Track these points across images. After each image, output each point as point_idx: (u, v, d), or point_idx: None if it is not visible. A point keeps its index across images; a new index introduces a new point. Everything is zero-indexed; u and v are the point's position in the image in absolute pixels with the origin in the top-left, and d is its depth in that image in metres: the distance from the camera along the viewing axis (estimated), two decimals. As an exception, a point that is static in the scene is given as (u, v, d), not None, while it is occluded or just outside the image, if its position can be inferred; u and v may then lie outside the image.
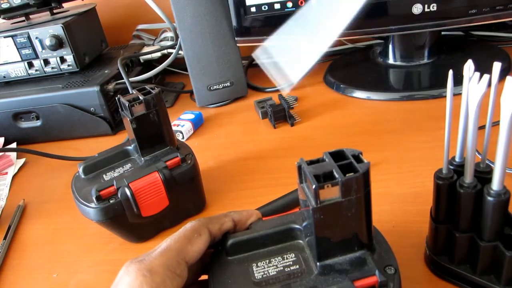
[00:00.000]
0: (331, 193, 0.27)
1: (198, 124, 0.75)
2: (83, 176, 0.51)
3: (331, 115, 0.70)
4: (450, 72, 0.31)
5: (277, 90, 0.82)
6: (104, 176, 0.50)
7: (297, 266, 0.30)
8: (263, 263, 0.31)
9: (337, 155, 0.28)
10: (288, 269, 0.30)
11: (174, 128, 0.70)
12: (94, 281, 0.46)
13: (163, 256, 0.30)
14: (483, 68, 0.31)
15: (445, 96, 0.66)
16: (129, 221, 0.47)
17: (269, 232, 0.33)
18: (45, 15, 0.90)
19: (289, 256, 0.31)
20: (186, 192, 0.50)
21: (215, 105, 0.81)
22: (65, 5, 0.94)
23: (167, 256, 0.30)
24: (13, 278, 0.49)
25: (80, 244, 0.52)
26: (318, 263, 0.29)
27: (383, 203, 0.47)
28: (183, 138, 0.71)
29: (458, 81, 0.31)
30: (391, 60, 0.80)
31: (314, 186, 0.26)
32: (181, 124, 0.72)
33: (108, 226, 0.48)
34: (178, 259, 0.30)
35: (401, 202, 0.47)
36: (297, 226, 0.32)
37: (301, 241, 0.32)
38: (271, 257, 0.31)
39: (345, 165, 0.27)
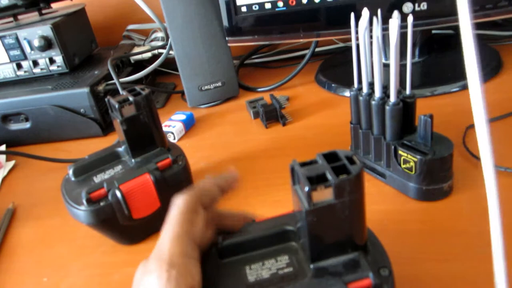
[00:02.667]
0: (324, 195, 0.26)
1: (189, 124, 0.74)
2: (73, 179, 0.50)
3: (323, 114, 0.70)
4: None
5: (269, 90, 0.82)
6: (94, 178, 0.50)
7: (291, 269, 0.30)
8: (257, 265, 0.31)
9: (330, 157, 0.28)
10: (282, 271, 0.30)
11: (165, 129, 0.69)
12: (85, 285, 0.46)
13: (177, 245, 0.29)
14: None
15: (437, 95, 0.66)
16: (120, 224, 0.46)
17: (262, 234, 0.32)
18: (33, 16, 0.89)
19: (282, 259, 0.31)
20: (178, 193, 0.50)
21: (206, 105, 0.81)
22: (54, 6, 0.92)
23: (181, 244, 0.29)
24: (3, 282, 0.49)
25: (71, 247, 0.52)
26: (311, 266, 0.29)
27: (374, 202, 0.47)
28: (174, 139, 0.70)
29: (447, 80, 0.31)
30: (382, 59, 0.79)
31: (307, 188, 0.26)
32: (172, 125, 0.71)
33: (99, 229, 0.47)
34: (191, 244, 0.29)
35: (392, 201, 0.47)
36: (291, 228, 0.32)
37: (294, 243, 0.32)
38: (265, 260, 0.31)
39: (338, 167, 0.27)
